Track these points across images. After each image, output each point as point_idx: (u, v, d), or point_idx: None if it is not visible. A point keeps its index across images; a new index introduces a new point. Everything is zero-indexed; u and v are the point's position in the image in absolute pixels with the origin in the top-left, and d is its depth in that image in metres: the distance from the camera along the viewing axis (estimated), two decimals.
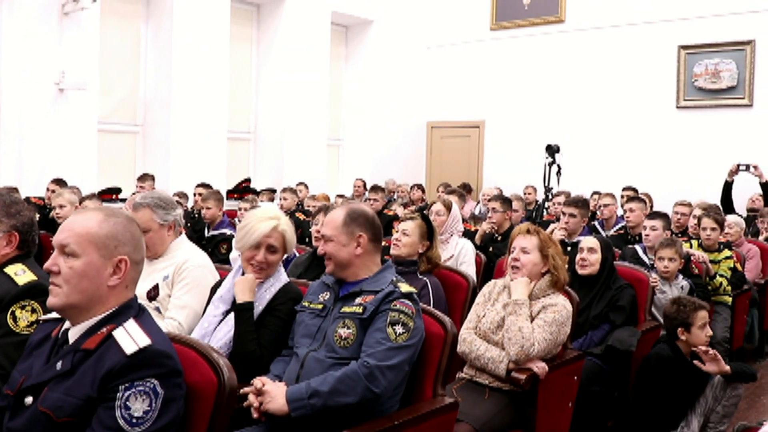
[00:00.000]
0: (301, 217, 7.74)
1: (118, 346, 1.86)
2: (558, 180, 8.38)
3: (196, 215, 7.49)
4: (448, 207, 5.20)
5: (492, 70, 12.02)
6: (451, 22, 12.51)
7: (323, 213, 4.35)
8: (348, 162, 12.30)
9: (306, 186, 10.09)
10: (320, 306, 2.79)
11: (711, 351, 3.88)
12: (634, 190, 9.02)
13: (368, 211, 2.91)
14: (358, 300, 2.70)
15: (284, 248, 3.05)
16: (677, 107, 10.20)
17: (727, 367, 3.85)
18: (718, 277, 5.52)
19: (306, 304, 2.85)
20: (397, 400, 2.65)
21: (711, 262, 5.57)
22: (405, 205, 9.28)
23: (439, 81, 12.72)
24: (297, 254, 4.69)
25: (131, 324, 1.93)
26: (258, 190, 9.97)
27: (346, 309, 2.69)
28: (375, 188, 9.60)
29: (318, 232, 4.29)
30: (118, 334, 1.89)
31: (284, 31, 10.61)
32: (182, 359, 2.00)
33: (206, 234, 6.79)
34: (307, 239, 6.69)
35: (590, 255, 4.22)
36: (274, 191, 9.82)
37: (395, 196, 10.64)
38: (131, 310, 1.99)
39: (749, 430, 4.53)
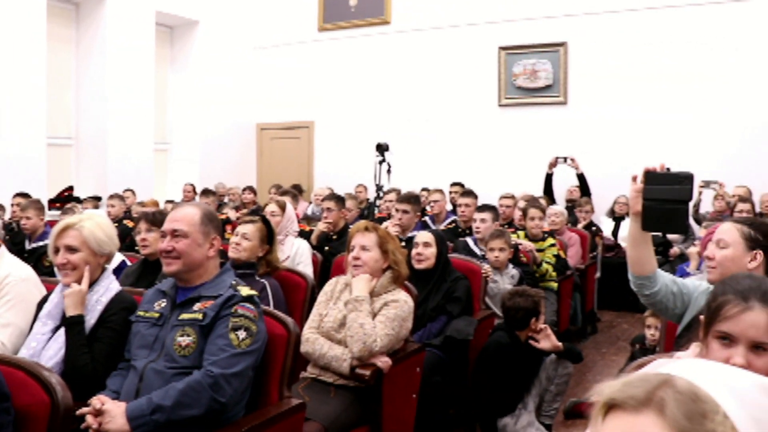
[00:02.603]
0: (130, 224, 7.45)
1: None
2: (388, 178, 8.55)
3: (15, 227, 7.03)
4: (283, 207, 5.19)
5: (320, 71, 12.06)
6: (279, 23, 12.43)
7: (144, 221, 4.21)
8: (176, 166, 11.94)
9: (133, 192, 9.71)
10: (157, 314, 2.67)
11: (543, 326, 4.08)
12: (461, 185, 9.33)
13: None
14: (197, 306, 2.62)
15: (89, 247, 2.88)
16: (499, 105, 10.62)
17: (560, 343, 4.07)
18: (544, 264, 5.83)
19: (141, 313, 2.72)
20: (243, 406, 2.60)
21: (537, 250, 5.87)
22: (237, 208, 9.17)
23: (267, 82, 12.62)
24: (128, 263, 4.51)
25: None
26: (81, 198, 9.50)
27: (184, 316, 2.60)
28: (206, 192, 9.41)
29: (144, 240, 4.14)
30: None
31: (106, 32, 10.13)
32: (9, 381, 1.87)
33: (27, 246, 6.39)
34: (136, 247, 6.44)
35: (426, 249, 4.32)
36: (98, 199, 9.39)
37: (226, 200, 10.48)
38: None
39: (579, 405, 4.85)
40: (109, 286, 2.92)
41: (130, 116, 10.46)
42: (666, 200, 2.25)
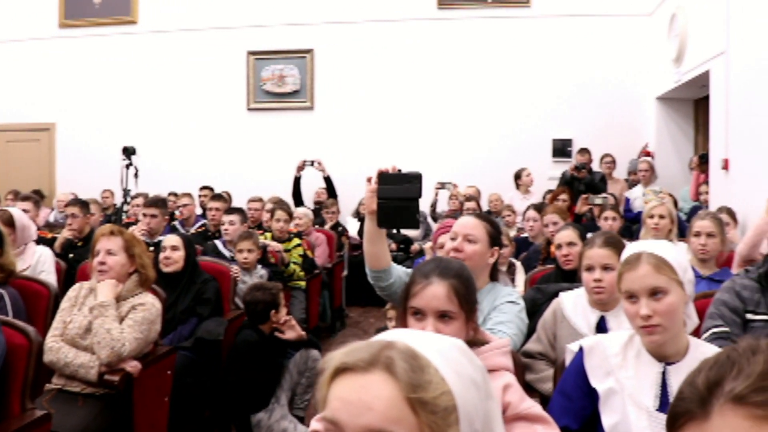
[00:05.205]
0: None
1: None
2: (136, 182, 8.36)
3: None
4: (9, 221, 4.85)
5: (62, 70, 11.40)
6: (15, 16, 11.57)
7: None
8: None
9: None
10: None
11: (287, 318, 4.27)
12: (211, 189, 9.33)
13: None
14: None
15: None
16: (248, 109, 10.74)
17: (304, 333, 4.30)
18: (291, 264, 6.04)
19: None
20: None
21: (284, 251, 6.07)
22: None
23: (2, 80, 11.74)
24: None
25: None
26: None
27: None
28: None
29: None
30: None
31: None
32: None
33: None
34: None
35: (173, 253, 4.36)
36: None
37: None
38: None
39: None
40: None
41: None
42: (398, 198, 2.42)
